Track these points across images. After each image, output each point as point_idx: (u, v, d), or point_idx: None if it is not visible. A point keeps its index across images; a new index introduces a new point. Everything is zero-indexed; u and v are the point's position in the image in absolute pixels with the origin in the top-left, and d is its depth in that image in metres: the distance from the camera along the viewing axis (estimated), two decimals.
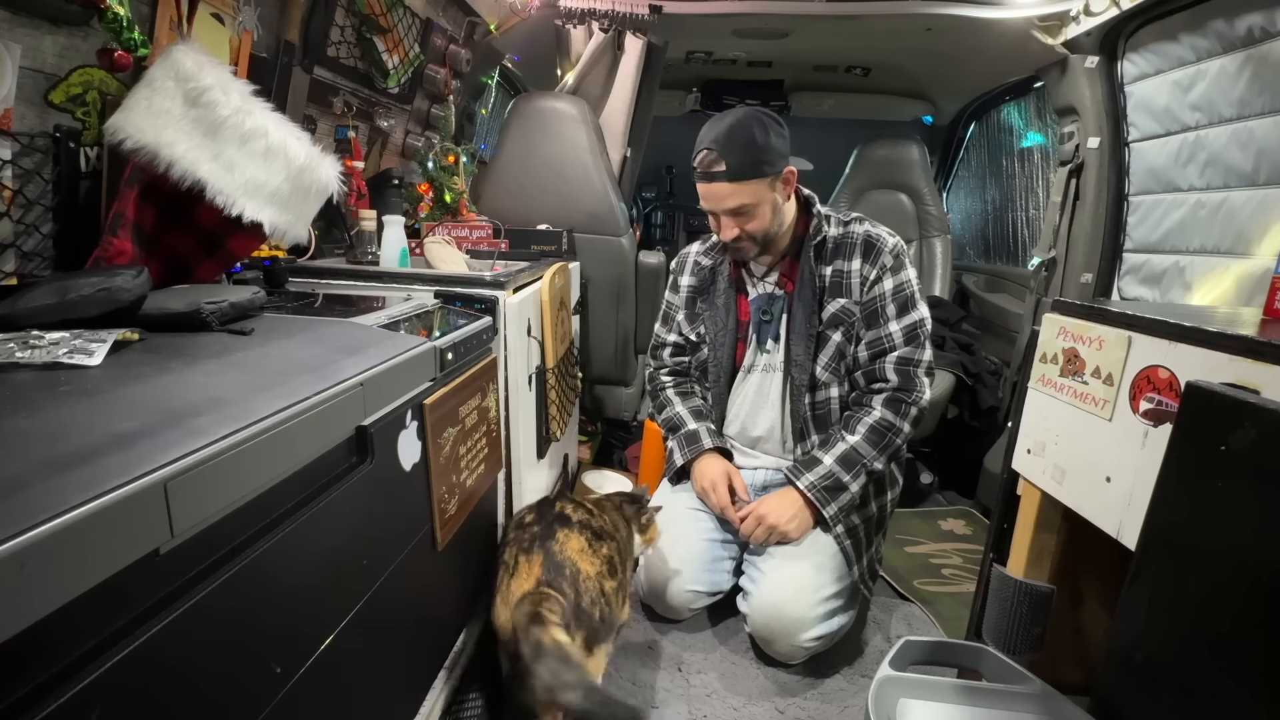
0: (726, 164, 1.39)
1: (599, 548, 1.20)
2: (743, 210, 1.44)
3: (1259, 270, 1.56)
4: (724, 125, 1.41)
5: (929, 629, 1.71)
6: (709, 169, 1.42)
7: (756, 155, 1.40)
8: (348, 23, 1.62)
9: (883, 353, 1.49)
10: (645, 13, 2.25)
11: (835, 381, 1.53)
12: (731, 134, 1.39)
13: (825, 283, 1.52)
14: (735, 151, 1.39)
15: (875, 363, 1.50)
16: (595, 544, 1.20)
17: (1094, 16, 1.90)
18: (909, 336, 1.49)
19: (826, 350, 1.51)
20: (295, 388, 0.66)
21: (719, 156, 1.40)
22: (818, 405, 1.55)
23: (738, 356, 1.61)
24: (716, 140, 1.40)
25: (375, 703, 0.85)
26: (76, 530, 0.40)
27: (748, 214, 1.45)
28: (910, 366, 1.48)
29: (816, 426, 1.56)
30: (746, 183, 1.41)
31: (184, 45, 1.00)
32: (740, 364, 1.62)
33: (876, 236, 1.51)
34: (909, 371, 1.48)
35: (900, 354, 1.48)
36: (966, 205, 3.48)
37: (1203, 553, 0.73)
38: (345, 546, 0.75)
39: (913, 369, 1.48)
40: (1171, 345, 0.85)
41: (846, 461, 1.46)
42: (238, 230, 1.07)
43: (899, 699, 1.01)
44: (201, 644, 0.52)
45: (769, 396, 1.59)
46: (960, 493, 2.54)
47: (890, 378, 1.48)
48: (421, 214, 2.00)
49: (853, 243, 1.52)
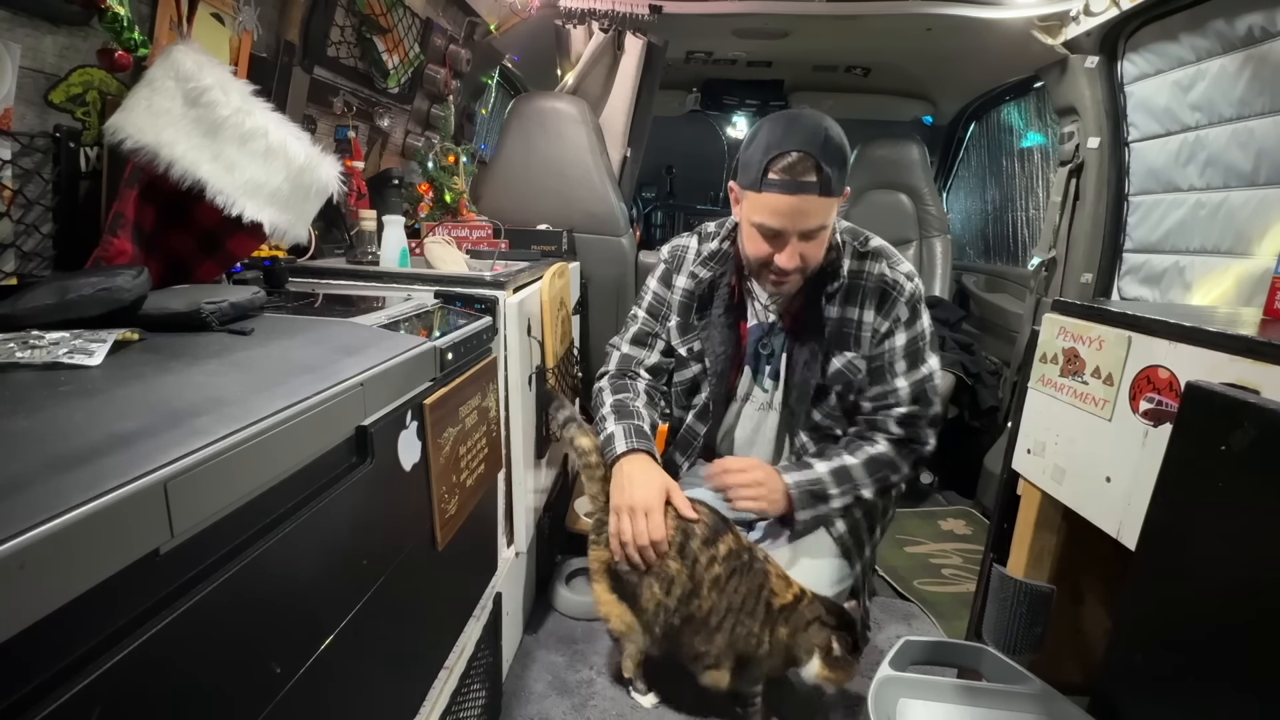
0: (823, 175, 1.16)
1: None
2: (818, 233, 1.23)
3: (1259, 270, 1.56)
4: (816, 126, 1.18)
5: (929, 629, 1.71)
6: (800, 177, 1.16)
7: (844, 168, 1.20)
8: (348, 23, 1.62)
9: (887, 408, 1.38)
10: (645, 13, 2.26)
11: (837, 425, 1.44)
12: (829, 139, 1.17)
13: (831, 328, 1.36)
14: (833, 160, 1.17)
15: (878, 414, 1.39)
16: None
17: (1094, 16, 1.90)
18: (916, 394, 1.36)
19: (827, 402, 1.41)
20: (295, 388, 0.66)
21: (816, 164, 1.16)
22: (819, 444, 1.44)
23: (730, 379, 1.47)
24: (813, 142, 1.16)
25: (375, 703, 0.85)
26: (76, 530, 0.40)
27: (817, 240, 1.24)
28: (917, 422, 1.37)
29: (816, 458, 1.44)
30: (833, 200, 1.20)
31: (184, 45, 1.00)
32: (734, 389, 1.48)
33: (894, 282, 1.34)
34: (915, 425, 1.37)
35: (906, 412, 1.36)
36: (966, 205, 3.49)
37: (1203, 552, 0.73)
38: (345, 546, 0.74)
39: (919, 423, 1.38)
40: (1171, 345, 0.85)
41: (839, 476, 1.34)
42: (238, 230, 1.07)
43: (899, 699, 1.01)
44: (201, 644, 0.52)
45: (764, 434, 1.50)
46: (960, 493, 2.54)
47: (894, 430, 1.37)
48: (421, 214, 2.00)
49: (866, 287, 1.35)
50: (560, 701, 1.43)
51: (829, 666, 1.22)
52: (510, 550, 1.46)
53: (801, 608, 1.25)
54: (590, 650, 1.60)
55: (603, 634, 1.63)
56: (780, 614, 1.24)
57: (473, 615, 1.20)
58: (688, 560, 1.24)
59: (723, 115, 3.93)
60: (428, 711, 0.99)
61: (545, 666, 1.54)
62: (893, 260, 1.37)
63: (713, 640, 1.26)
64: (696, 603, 1.24)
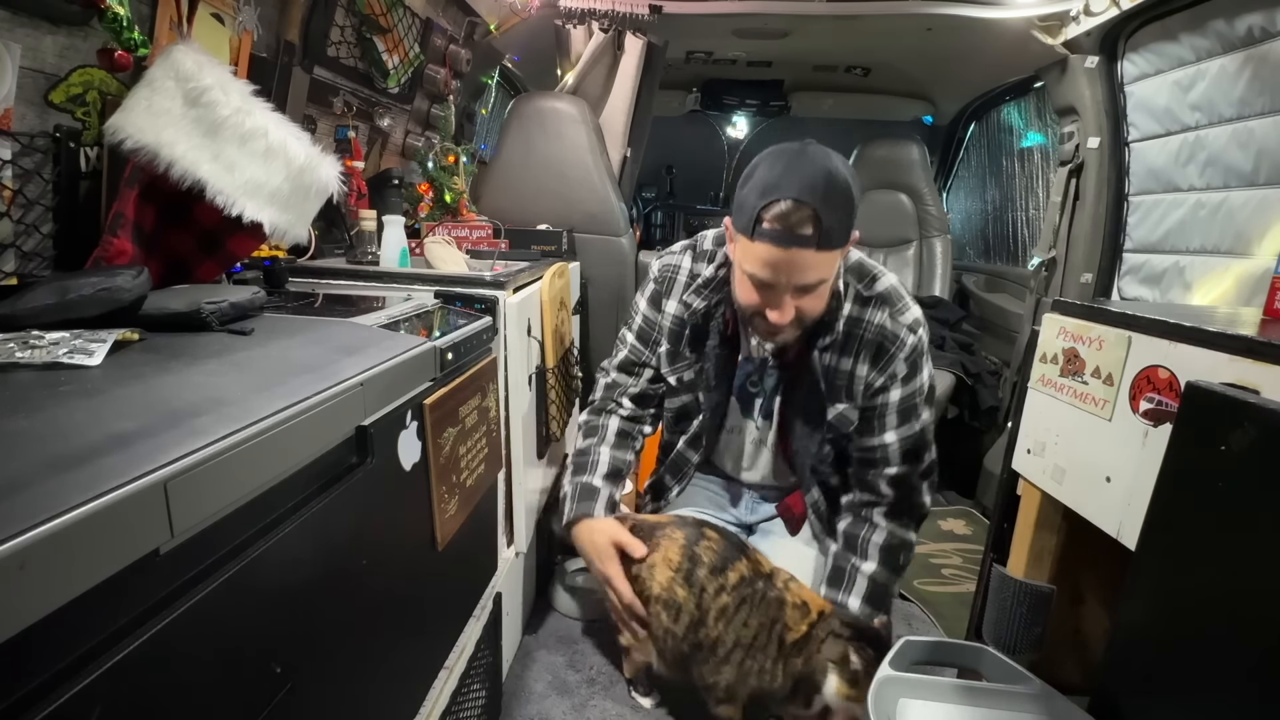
0: (822, 226, 1.04)
1: None
2: (816, 288, 1.12)
3: (1259, 270, 1.56)
4: (818, 170, 1.05)
5: (929, 629, 1.71)
6: (796, 229, 1.04)
7: (849, 218, 1.08)
8: (348, 23, 1.62)
9: (873, 464, 1.31)
10: (645, 13, 2.26)
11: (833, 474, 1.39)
12: (831, 185, 1.04)
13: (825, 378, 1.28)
14: (836, 210, 1.05)
15: (868, 473, 1.32)
16: None
17: (1094, 16, 1.90)
18: (906, 453, 1.28)
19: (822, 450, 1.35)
20: (295, 388, 0.66)
21: (813, 215, 1.03)
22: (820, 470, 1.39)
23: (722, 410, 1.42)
24: (813, 190, 1.03)
25: (375, 703, 0.85)
26: (76, 530, 0.40)
27: (816, 293, 1.13)
28: (908, 481, 1.30)
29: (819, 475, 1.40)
30: (833, 252, 1.09)
31: (184, 45, 1.00)
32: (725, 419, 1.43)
33: (893, 335, 1.24)
34: (907, 486, 1.30)
35: (896, 473, 1.29)
36: (966, 205, 3.49)
37: (1203, 553, 0.73)
38: (345, 546, 0.75)
39: (911, 483, 1.31)
40: (1171, 345, 0.85)
41: (875, 600, 1.27)
42: (238, 230, 1.07)
43: (899, 699, 1.01)
44: (201, 644, 0.52)
45: (760, 463, 1.46)
46: (960, 493, 2.54)
47: (885, 492, 1.31)
48: (421, 214, 2.00)
49: (864, 338, 1.25)
50: (560, 701, 1.43)
51: (848, 683, 1.11)
52: (510, 550, 1.46)
53: (816, 630, 1.17)
54: (590, 650, 1.60)
55: (603, 634, 1.63)
56: (794, 647, 1.17)
57: (473, 615, 1.20)
58: (694, 589, 1.20)
59: (723, 115, 3.93)
60: (428, 711, 0.99)
61: (545, 666, 1.54)
62: (897, 309, 1.25)
63: (720, 671, 1.20)
64: (704, 631, 1.19)
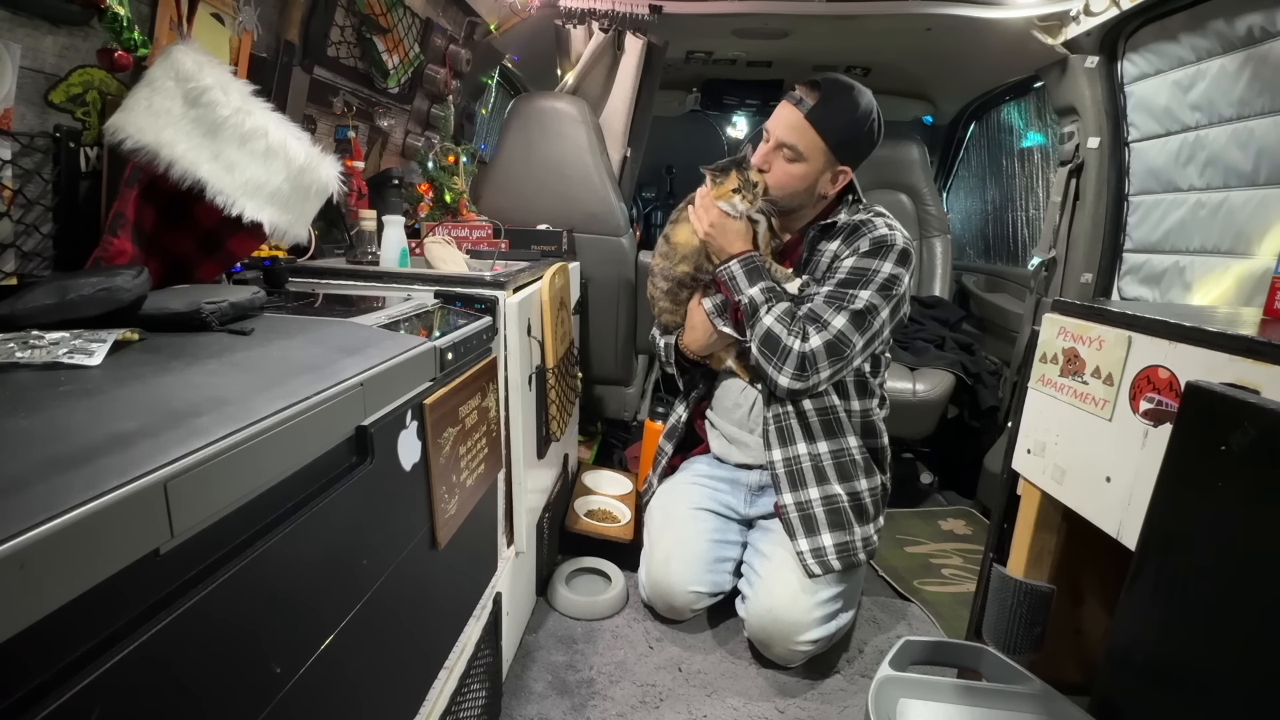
0: (819, 106, 1.34)
1: None
2: (788, 149, 1.37)
3: (1259, 270, 1.56)
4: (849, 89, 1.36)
5: (929, 629, 1.71)
6: (802, 97, 1.36)
7: (851, 136, 1.37)
8: (348, 23, 1.62)
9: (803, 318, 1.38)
10: (645, 13, 2.26)
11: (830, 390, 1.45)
12: (854, 100, 1.35)
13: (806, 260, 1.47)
14: (840, 113, 1.35)
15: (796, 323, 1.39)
16: None
17: (1094, 16, 1.90)
18: (831, 298, 1.36)
19: None
20: (295, 388, 0.66)
21: (819, 97, 1.34)
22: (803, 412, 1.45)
23: None
24: (838, 89, 1.35)
25: (375, 703, 0.85)
26: (76, 530, 0.40)
27: (787, 168, 1.39)
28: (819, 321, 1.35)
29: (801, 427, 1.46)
30: (816, 136, 1.35)
31: (184, 45, 1.00)
32: None
33: (868, 222, 1.42)
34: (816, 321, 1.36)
35: (811, 309, 1.37)
36: (966, 205, 3.48)
37: (1203, 553, 0.73)
38: (345, 546, 0.74)
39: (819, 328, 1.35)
40: (1171, 345, 0.85)
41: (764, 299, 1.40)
42: (238, 230, 1.07)
43: (899, 699, 1.01)
44: (201, 644, 0.52)
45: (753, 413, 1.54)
46: (960, 493, 2.54)
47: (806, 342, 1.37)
48: (421, 214, 2.00)
49: (845, 227, 1.45)
50: (560, 701, 1.43)
51: None
52: (510, 550, 1.46)
53: None
54: (590, 650, 1.60)
55: (603, 634, 1.64)
56: None
57: (473, 615, 1.20)
58: None
59: (723, 115, 3.93)
60: (428, 711, 0.99)
61: (545, 666, 1.54)
62: (886, 219, 1.44)
63: None
64: None
